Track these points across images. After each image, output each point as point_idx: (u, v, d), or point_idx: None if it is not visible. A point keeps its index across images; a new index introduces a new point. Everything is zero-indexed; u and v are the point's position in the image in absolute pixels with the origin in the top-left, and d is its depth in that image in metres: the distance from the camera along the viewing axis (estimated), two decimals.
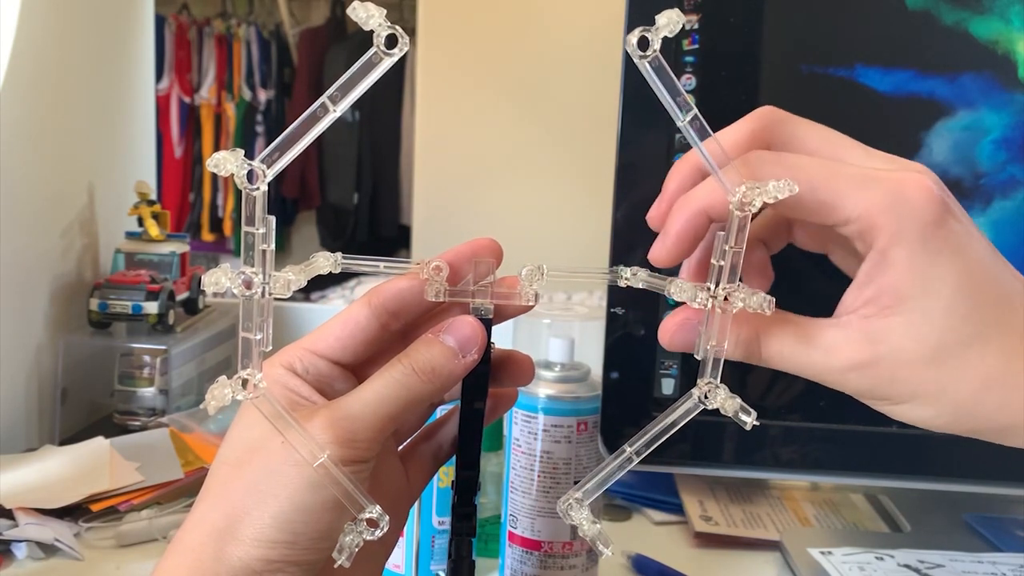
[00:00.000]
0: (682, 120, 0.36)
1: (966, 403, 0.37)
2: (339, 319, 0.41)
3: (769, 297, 0.37)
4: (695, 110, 0.36)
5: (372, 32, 0.34)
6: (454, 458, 0.45)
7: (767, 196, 0.35)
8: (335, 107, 0.34)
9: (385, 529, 0.37)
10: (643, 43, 0.35)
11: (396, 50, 0.34)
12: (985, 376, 0.37)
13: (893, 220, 0.36)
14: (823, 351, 0.38)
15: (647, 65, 0.35)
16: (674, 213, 0.39)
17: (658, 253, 0.39)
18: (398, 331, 0.42)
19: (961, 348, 0.36)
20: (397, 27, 0.34)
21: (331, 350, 0.40)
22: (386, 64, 0.34)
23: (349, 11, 0.34)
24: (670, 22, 0.35)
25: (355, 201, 3.07)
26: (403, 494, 0.45)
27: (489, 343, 0.40)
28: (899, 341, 0.37)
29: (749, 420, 0.38)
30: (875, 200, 0.36)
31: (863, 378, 0.37)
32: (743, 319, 0.38)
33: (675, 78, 0.35)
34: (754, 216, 0.37)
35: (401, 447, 0.46)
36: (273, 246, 0.36)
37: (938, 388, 0.37)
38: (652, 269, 0.41)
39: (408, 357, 0.39)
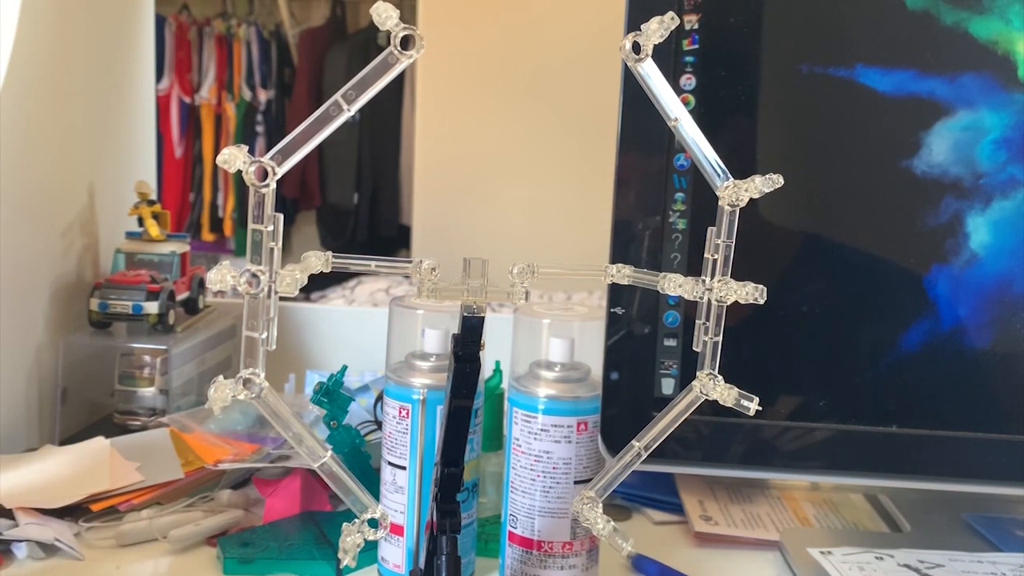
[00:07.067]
0: (672, 120, 0.37)
1: None
2: None
3: (760, 286, 0.38)
4: (685, 112, 0.37)
5: (387, 32, 0.34)
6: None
7: (754, 191, 0.36)
8: (349, 106, 0.35)
9: (387, 529, 0.37)
10: (636, 48, 0.36)
11: (412, 51, 0.34)
12: None
13: None
14: None
15: (641, 68, 0.36)
16: None
17: None
18: None
19: None
20: (414, 28, 0.34)
21: None
22: (402, 65, 0.34)
23: (372, 10, 0.34)
24: (661, 26, 0.36)
25: (355, 201, 3.07)
26: None
27: (481, 342, 0.41)
28: None
29: (751, 406, 0.38)
30: None
31: None
32: None
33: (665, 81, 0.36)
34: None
35: None
36: (280, 244, 0.36)
37: None
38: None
39: None
